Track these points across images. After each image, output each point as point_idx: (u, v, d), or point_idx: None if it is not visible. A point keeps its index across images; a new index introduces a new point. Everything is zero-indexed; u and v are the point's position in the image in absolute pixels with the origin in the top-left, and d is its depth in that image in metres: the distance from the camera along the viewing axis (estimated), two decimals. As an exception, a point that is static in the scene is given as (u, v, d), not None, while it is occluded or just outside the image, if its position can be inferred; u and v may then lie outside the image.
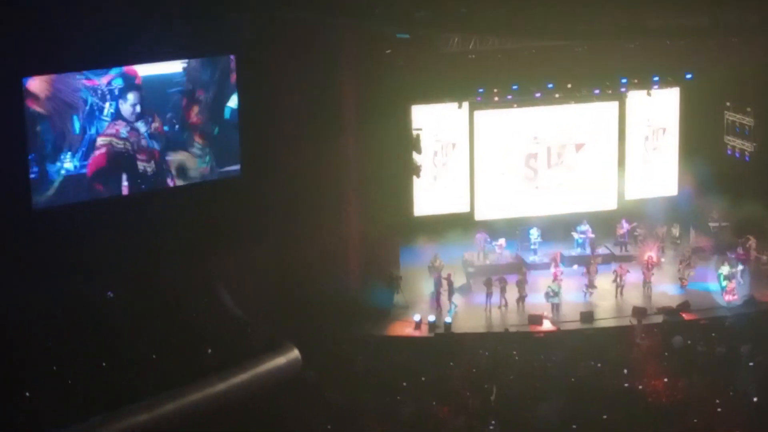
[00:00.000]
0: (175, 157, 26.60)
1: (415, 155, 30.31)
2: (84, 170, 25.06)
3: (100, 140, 25.32)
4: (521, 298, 28.55)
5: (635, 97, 33.09)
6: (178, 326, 23.55)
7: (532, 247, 31.47)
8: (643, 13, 25.62)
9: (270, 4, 26.09)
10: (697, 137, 33.24)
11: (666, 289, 29.48)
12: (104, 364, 21.44)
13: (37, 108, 24.11)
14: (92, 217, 24.69)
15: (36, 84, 24.02)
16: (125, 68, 25.40)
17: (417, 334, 27.47)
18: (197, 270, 25.52)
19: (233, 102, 27.23)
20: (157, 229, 25.17)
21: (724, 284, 28.85)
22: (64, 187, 24.73)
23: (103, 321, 23.03)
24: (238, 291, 25.91)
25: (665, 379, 23.27)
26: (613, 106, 32.92)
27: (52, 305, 22.55)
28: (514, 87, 32.10)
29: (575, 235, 31.72)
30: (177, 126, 26.52)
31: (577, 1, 25.36)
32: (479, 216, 32.63)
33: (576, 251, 31.45)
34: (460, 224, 32.08)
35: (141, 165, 26.13)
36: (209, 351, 22.95)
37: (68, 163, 24.81)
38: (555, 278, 28.83)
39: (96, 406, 19.97)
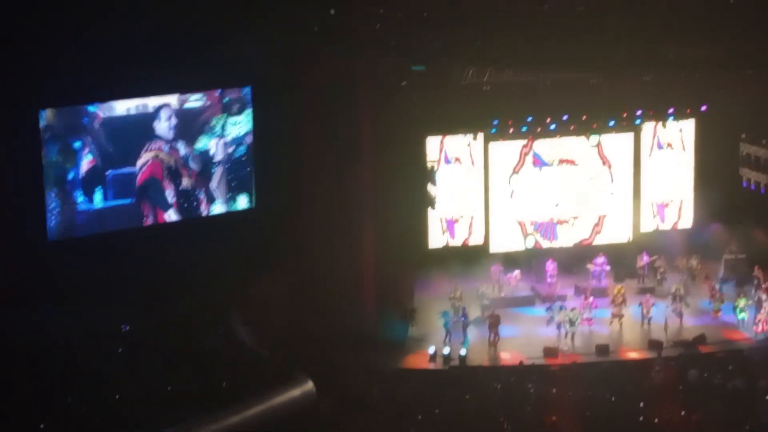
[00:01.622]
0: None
1: (430, 186, 30.31)
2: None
3: (145, 156, 25.75)
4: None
5: (650, 129, 33.07)
6: (193, 357, 23.52)
7: (549, 279, 31.36)
8: (659, 45, 25.64)
9: (286, 36, 26.24)
10: (713, 169, 33.16)
11: (685, 321, 29.31)
12: (118, 396, 21.39)
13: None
14: (106, 249, 24.76)
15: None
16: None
17: (432, 366, 27.37)
18: (212, 301, 25.52)
19: (201, 143, 27.12)
20: (172, 260, 25.19)
21: (741, 316, 28.79)
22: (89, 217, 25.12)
23: (117, 352, 23.03)
24: (253, 322, 25.88)
25: (682, 413, 23.07)
26: (629, 137, 32.89)
27: (66, 336, 22.57)
28: (529, 118, 32.11)
29: (591, 268, 31.60)
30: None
31: (593, 33, 25.39)
32: (494, 248, 32.57)
33: (592, 283, 31.30)
34: (475, 256, 32.02)
35: (185, 181, 26.41)
36: (224, 383, 22.89)
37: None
38: (586, 307, 28.92)
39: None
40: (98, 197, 25.11)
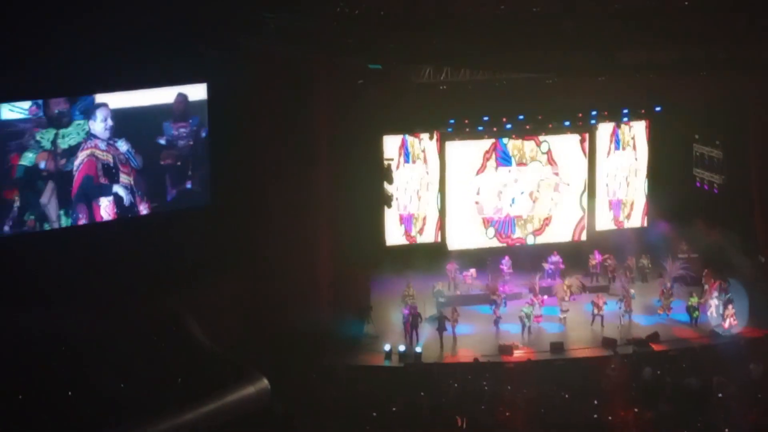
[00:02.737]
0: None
1: (386, 185, 30.37)
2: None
3: (81, 155, 25.24)
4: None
5: (605, 129, 33.36)
6: (147, 356, 23.38)
7: (505, 277, 31.53)
8: (614, 49, 25.84)
9: (242, 35, 26.15)
10: (666, 169, 33.53)
11: (637, 320, 29.62)
12: (71, 393, 21.23)
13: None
14: (60, 247, 24.52)
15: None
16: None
17: (387, 363, 27.37)
18: (167, 300, 25.38)
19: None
20: (125, 259, 25.03)
21: (695, 315, 29.19)
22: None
23: (71, 351, 22.85)
24: (207, 321, 25.75)
25: (635, 410, 23.28)
26: (582, 138, 33.12)
27: (17, 335, 22.34)
28: (485, 118, 32.26)
29: (546, 266, 31.83)
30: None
31: (549, 36, 25.54)
32: (451, 246, 32.69)
33: (547, 281, 31.52)
34: (432, 254, 32.13)
35: (124, 178, 26.08)
36: (178, 381, 22.78)
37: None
38: (536, 304, 29.38)
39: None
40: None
